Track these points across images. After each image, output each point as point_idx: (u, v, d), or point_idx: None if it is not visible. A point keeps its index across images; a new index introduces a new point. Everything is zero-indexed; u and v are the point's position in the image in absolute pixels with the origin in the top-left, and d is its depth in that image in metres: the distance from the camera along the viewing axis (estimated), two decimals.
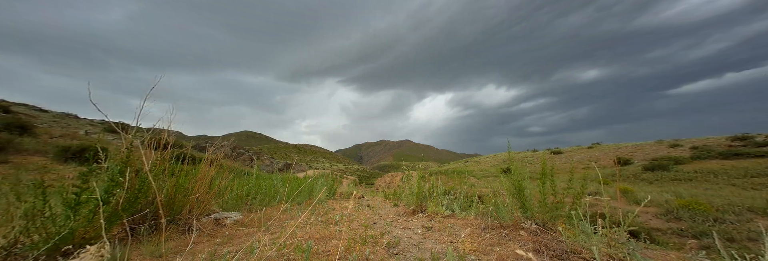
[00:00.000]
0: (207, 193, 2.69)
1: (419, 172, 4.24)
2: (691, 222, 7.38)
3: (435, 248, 2.13)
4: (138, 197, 2.02)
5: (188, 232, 2.34)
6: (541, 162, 2.65)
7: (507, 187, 2.91)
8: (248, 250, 1.88)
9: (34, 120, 15.98)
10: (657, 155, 25.49)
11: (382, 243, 2.20)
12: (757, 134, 26.99)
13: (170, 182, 2.40)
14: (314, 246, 2.04)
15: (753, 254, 1.66)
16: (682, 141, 31.76)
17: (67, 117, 22.21)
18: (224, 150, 3.14)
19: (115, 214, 1.85)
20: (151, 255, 1.81)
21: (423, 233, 2.62)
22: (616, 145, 38.26)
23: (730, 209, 8.43)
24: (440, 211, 3.48)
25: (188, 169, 2.61)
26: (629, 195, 10.53)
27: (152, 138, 2.31)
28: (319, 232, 2.47)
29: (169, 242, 2.09)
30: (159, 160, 2.35)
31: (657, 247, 2.72)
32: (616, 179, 17.71)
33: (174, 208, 2.42)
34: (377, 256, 1.92)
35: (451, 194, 4.12)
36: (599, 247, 1.83)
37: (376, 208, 4.52)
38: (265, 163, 44.32)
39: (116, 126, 2.02)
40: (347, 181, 13.69)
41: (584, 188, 2.37)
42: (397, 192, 6.17)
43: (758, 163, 16.98)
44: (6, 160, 8.00)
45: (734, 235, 6.26)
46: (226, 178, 3.15)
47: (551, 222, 2.49)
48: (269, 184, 4.39)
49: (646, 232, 6.52)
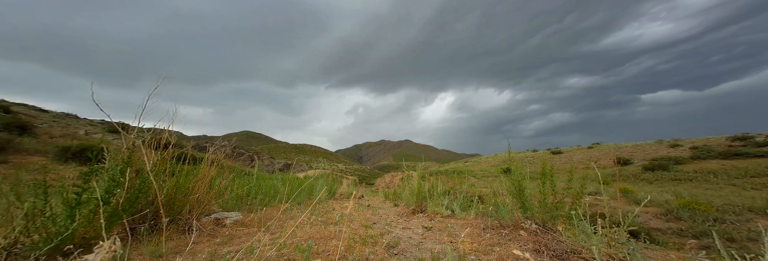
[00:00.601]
0: (207, 193, 2.69)
1: (419, 172, 4.24)
2: (691, 222, 7.38)
3: (435, 248, 2.13)
4: (138, 197, 2.02)
5: (188, 232, 2.35)
6: (541, 162, 2.65)
7: (507, 187, 2.91)
8: (248, 250, 1.88)
9: (34, 120, 15.98)
10: (657, 155, 25.50)
11: (382, 243, 2.20)
12: (757, 134, 27.00)
13: (171, 182, 2.40)
14: (314, 246, 2.04)
15: (753, 254, 1.67)
16: (682, 141, 31.76)
17: (67, 117, 22.21)
18: (224, 150, 3.15)
19: (116, 214, 1.85)
20: (151, 255, 1.81)
21: (423, 233, 2.62)
22: (616, 145, 38.27)
23: (730, 209, 8.43)
24: (440, 211, 3.49)
25: (189, 169, 2.61)
26: (629, 195, 10.53)
27: (153, 138, 2.32)
28: (319, 232, 2.47)
29: (169, 242, 2.09)
30: (160, 160, 2.35)
31: (657, 247, 2.72)
32: (616, 179, 17.72)
33: (174, 208, 2.42)
34: (377, 256, 1.92)
35: (451, 194, 4.12)
36: (599, 247, 1.83)
37: (376, 208, 4.52)
38: (266, 163, 44.32)
39: (117, 126, 2.03)
40: (347, 181, 13.69)
41: (584, 188, 2.37)
42: (397, 192, 6.17)
43: (758, 163, 16.99)
44: (6, 160, 8.01)
45: (734, 235, 6.27)
46: (226, 178, 3.15)
47: (551, 222, 2.49)
48: (269, 184, 4.39)
49: (646, 232, 6.52)
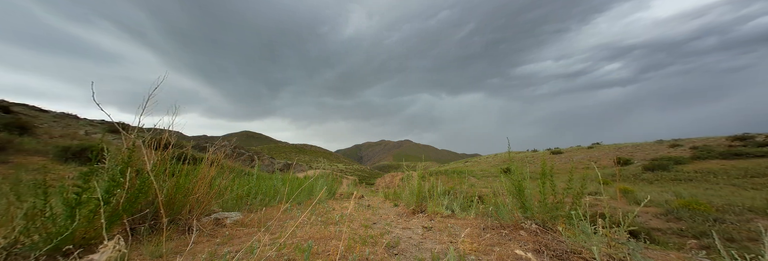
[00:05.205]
0: (207, 193, 2.69)
1: (419, 172, 4.24)
2: (691, 222, 7.38)
3: (435, 248, 2.13)
4: (138, 197, 2.02)
5: (188, 232, 2.35)
6: (541, 162, 2.65)
7: (507, 187, 2.91)
8: (248, 250, 1.88)
9: (34, 120, 15.98)
10: (657, 155, 25.50)
11: (382, 243, 2.20)
12: (757, 134, 27.00)
13: (171, 182, 2.40)
14: (314, 246, 2.04)
15: (753, 254, 1.67)
16: (682, 141, 31.77)
17: (67, 117, 22.21)
18: (225, 150, 3.15)
19: (116, 214, 1.85)
20: (151, 255, 1.81)
21: (423, 233, 2.62)
22: (616, 145, 38.28)
23: (730, 209, 8.43)
24: (440, 211, 3.49)
25: (189, 170, 2.61)
26: (629, 195, 10.53)
27: (153, 138, 2.32)
28: (319, 232, 2.47)
29: (169, 242, 2.09)
30: (160, 160, 2.35)
31: (657, 247, 2.72)
32: (616, 179, 17.72)
33: (174, 208, 2.42)
34: (377, 256, 1.92)
35: (451, 194, 4.12)
36: (599, 247, 1.83)
37: (376, 208, 4.52)
38: (266, 163, 44.32)
39: (118, 126, 2.03)
40: (347, 181, 13.69)
41: (584, 188, 2.37)
42: (397, 192, 6.16)
43: (758, 163, 16.98)
44: (6, 160, 8.00)
45: (734, 235, 6.26)
46: (226, 178, 3.15)
47: (551, 222, 2.49)
48: (269, 184, 4.39)
49: (646, 232, 6.52)
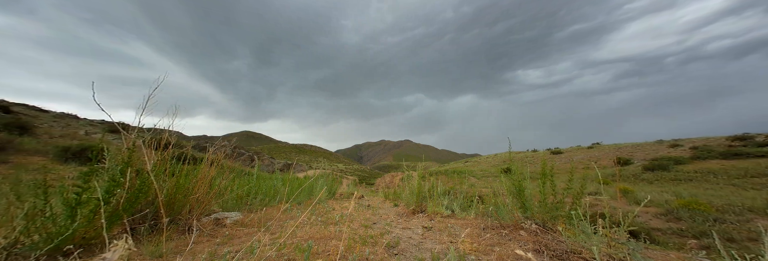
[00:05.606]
0: (207, 193, 2.69)
1: (419, 172, 4.24)
2: (691, 222, 7.38)
3: (435, 248, 2.13)
4: (138, 197, 2.02)
5: (188, 232, 2.34)
6: (541, 162, 2.65)
7: (507, 187, 2.91)
8: (248, 250, 1.88)
9: (34, 120, 15.98)
10: (657, 155, 25.50)
11: (382, 243, 2.20)
12: (757, 134, 27.01)
13: (171, 182, 2.40)
14: (314, 246, 2.04)
15: (753, 254, 1.67)
16: (682, 141, 31.77)
17: (67, 117, 22.22)
18: (225, 150, 3.15)
19: (116, 214, 1.85)
20: (151, 255, 1.81)
21: (423, 233, 2.62)
22: (616, 145, 38.28)
23: (730, 209, 8.43)
24: (440, 211, 3.49)
25: (189, 170, 2.61)
26: (629, 195, 10.53)
27: (153, 138, 2.32)
28: (319, 232, 2.47)
29: (169, 242, 2.09)
30: (160, 160, 2.35)
31: (657, 247, 2.72)
32: (616, 179, 17.71)
33: (174, 208, 2.42)
34: (377, 256, 1.92)
35: (451, 194, 4.12)
36: (599, 247, 1.84)
37: (376, 208, 4.52)
38: (266, 163, 44.32)
39: (118, 126, 2.03)
40: (347, 181, 13.69)
41: (584, 188, 2.37)
42: (397, 192, 6.16)
43: (758, 163, 16.97)
44: (6, 160, 8.00)
45: (734, 235, 6.27)
46: (226, 178, 3.15)
47: (551, 222, 2.49)
48: (269, 184, 4.39)
49: (646, 232, 6.52)
